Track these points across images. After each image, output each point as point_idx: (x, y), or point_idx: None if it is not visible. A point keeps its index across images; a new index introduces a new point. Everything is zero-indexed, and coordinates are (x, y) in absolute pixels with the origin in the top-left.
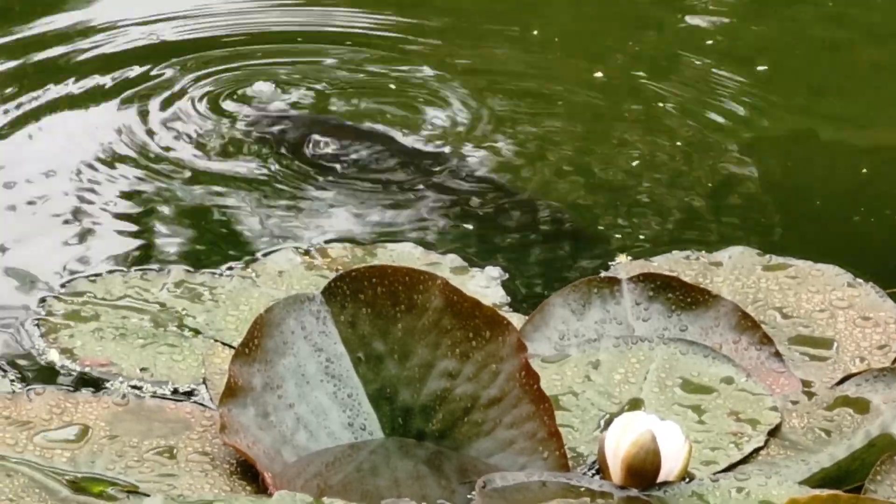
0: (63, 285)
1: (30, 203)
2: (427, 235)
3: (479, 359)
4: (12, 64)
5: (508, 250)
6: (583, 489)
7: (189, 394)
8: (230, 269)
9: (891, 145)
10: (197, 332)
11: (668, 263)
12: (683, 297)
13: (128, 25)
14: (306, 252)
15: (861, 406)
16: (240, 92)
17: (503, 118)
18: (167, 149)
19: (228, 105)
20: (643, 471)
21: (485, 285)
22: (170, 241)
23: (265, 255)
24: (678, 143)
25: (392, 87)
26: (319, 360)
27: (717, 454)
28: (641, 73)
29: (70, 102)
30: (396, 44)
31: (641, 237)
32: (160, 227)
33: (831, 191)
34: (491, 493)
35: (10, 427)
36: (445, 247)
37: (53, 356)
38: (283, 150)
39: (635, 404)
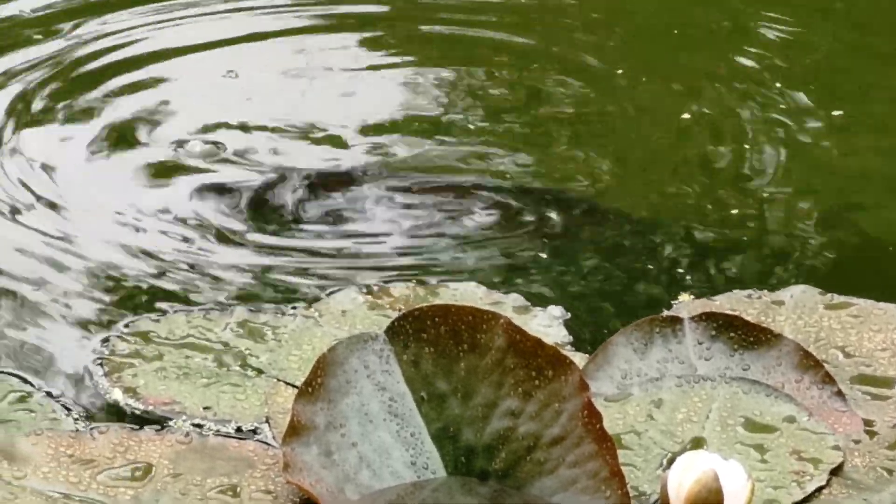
0: (126, 325)
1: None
2: (489, 275)
3: (541, 398)
4: None
5: (571, 290)
6: None
7: (252, 432)
8: (293, 308)
9: None
10: (260, 371)
11: (729, 302)
12: (746, 336)
13: None
14: (369, 291)
15: None
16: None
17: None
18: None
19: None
20: None
21: (547, 324)
22: (232, 281)
23: (328, 294)
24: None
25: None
26: (382, 399)
27: (780, 493)
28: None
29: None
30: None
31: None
32: (220, 267)
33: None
34: None
35: (73, 465)
36: (508, 286)
37: (117, 395)
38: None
39: (697, 443)
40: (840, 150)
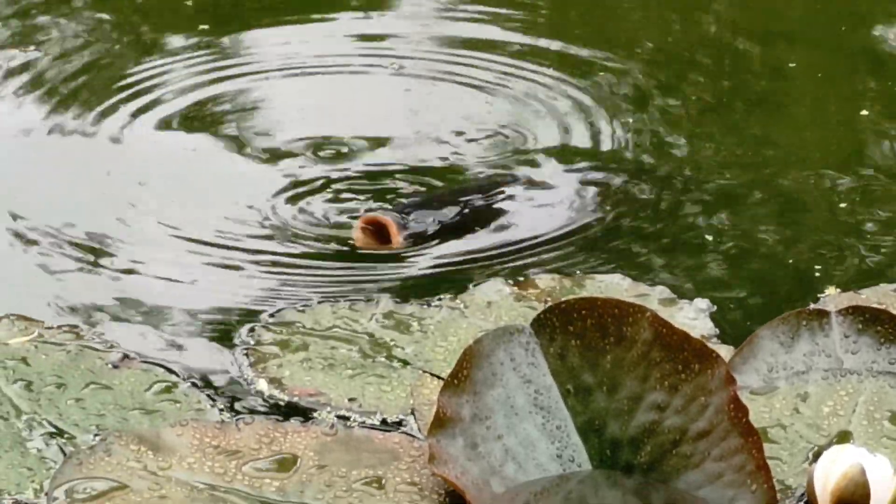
0: (272, 315)
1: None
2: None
3: (687, 391)
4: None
5: (717, 282)
6: None
7: (397, 424)
8: (439, 299)
9: None
10: (405, 362)
11: (876, 296)
12: (893, 329)
13: None
14: (515, 283)
15: None
16: None
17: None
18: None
19: None
20: (852, 503)
21: (693, 317)
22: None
23: (474, 285)
24: None
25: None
26: (528, 392)
27: None
28: None
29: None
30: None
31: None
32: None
33: None
34: None
35: (219, 456)
36: (653, 278)
37: (262, 386)
38: None
39: (844, 437)
40: None
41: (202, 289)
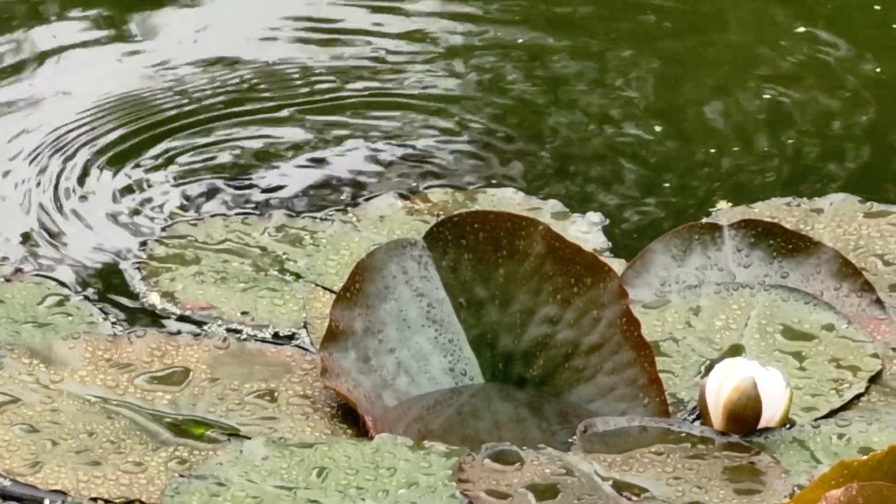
0: (164, 229)
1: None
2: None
3: (580, 305)
4: None
5: (609, 196)
6: (683, 435)
7: (290, 338)
8: (331, 213)
9: None
10: (298, 276)
11: (768, 210)
12: (785, 243)
13: None
14: (407, 197)
15: None
16: None
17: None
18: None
19: None
20: (744, 417)
21: (585, 231)
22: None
23: (366, 199)
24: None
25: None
26: (421, 305)
27: (818, 401)
28: None
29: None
30: None
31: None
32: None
33: None
34: (591, 437)
35: (111, 369)
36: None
37: (154, 299)
38: None
39: (736, 351)
40: None
41: (96, 201)
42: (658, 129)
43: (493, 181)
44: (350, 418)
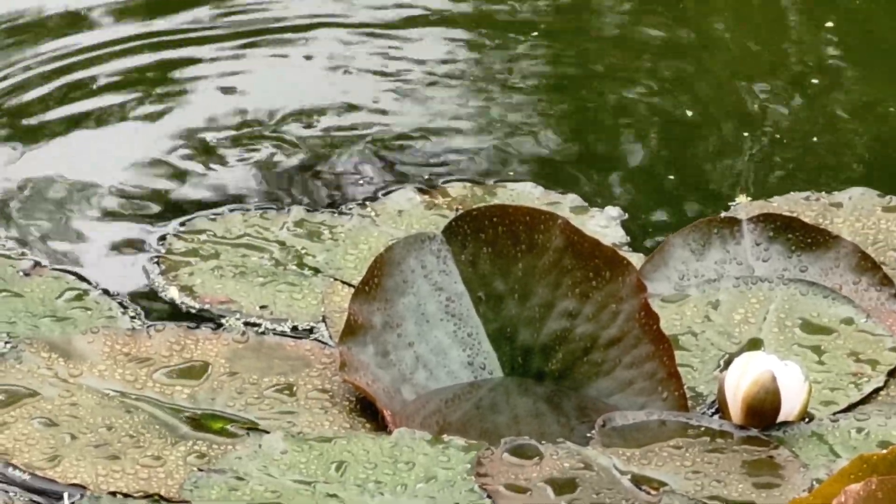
0: (183, 223)
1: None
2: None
3: (598, 299)
4: None
5: (629, 191)
6: (702, 428)
7: (309, 332)
8: (350, 208)
9: None
10: (317, 270)
11: (787, 204)
12: (804, 237)
13: None
14: (426, 191)
15: None
16: None
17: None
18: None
19: None
20: (763, 410)
21: (604, 225)
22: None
23: (385, 194)
24: None
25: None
26: (440, 300)
27: (837, 395)
28: None
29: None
30: None
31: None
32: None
33: None
34: (610, 431)
35: (130, 363)
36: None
37: (173, 293)
38: None
39: (755, 344)
40: None
41: (114, 195)
42: (679, 122)
43: (512, 175)
44: (369, 412)
